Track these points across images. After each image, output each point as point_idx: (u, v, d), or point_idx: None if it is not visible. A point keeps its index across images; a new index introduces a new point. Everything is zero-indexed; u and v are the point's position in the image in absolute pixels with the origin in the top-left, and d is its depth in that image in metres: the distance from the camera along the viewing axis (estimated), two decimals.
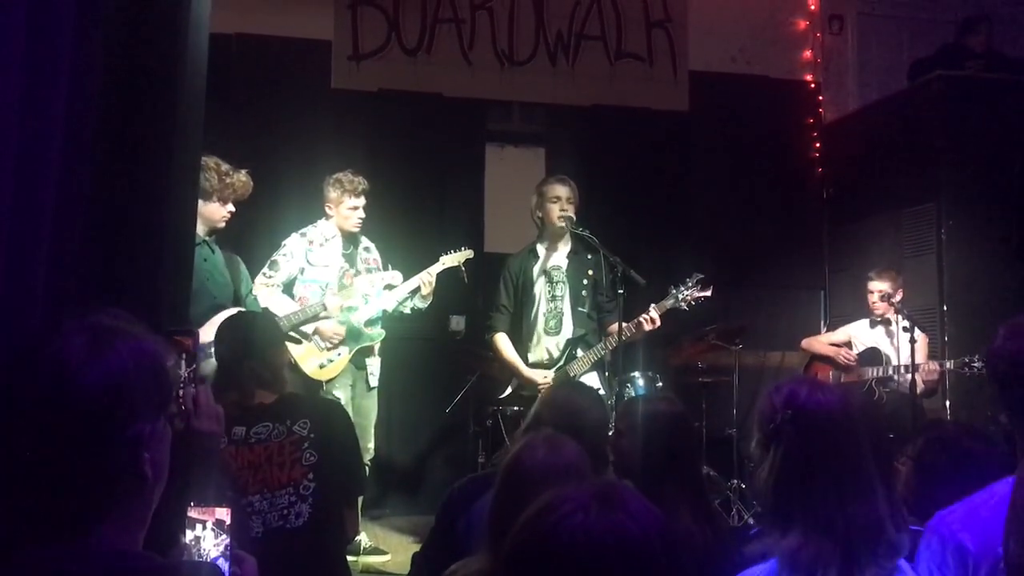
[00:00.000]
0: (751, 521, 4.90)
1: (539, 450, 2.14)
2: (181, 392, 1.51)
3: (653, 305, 4.48)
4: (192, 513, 1.34)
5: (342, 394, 4.64)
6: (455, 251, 4.90)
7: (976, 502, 1.79)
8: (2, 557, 1.15)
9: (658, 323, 4.45)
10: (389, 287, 4.75)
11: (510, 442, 2.88)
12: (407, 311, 4.88)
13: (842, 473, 1.79)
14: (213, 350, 2.93)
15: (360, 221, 4.79)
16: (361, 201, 4.76)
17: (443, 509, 2.72)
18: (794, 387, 1.89)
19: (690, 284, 4.53)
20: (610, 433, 2.91)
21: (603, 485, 1.16)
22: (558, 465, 2.10)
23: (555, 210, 4.60)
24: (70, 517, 1.19)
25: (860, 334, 5.56)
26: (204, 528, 1.33)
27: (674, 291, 4.53)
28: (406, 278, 4.78)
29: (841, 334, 5.71)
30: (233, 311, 3.96)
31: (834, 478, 1.78)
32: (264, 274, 4.66)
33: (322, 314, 4.58)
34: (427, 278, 4.75)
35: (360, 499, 3.53)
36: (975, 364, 4.84)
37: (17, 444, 1.18)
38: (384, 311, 4.81)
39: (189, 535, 1.33)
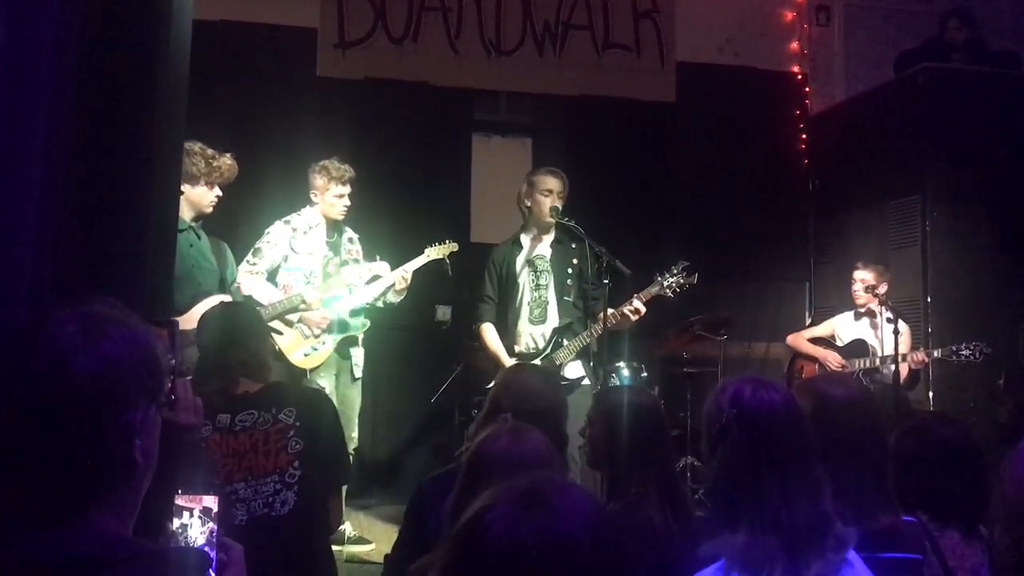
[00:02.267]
0: None
1: (502, 440, 2.12)
2: None
3: (637, 294, 4.48)
4: (179, 501, 1.34)
5: (327, 384, 4.63)
6: (440, 244, 4.89)
7: None
8: None
9: (643, 312, 4.44)
10: (376, 278, 4.75)
11: (470, 431, 2.83)
12: (380, 305, 4.88)
13: (787, 470, 1.81)
14: (197, 339, 2.91)
15: (345, 209, 4.78)
16: (347, 189, 4.75)
17: (412, 507, 2.67)
18: (739, 386, 1.92)
19: (675, 271, 4.52)
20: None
21: (532, 483, 1.12)
22: (521, 455, 2.08)
23: (546, 203, 4.59)
24: (61, 502, 1.19)
25: (844, 327, 5.59)
26: (191, 516, 1.33)
27: (659, 278, 4.52)
28: (392, 269, 4.78)
29: (824, 328, 5.73)
30: (217, 298, 3.95)
31: (779, 476, 1.80)
32: (248, 261, 4.65)
33: (301, 306, 4.58)
34: (402, 275, 4.75)
35: (344, 488, 3.53)
36: (962, 352, 4.88)
37: (9, 429, 1.18)
38: (365, 303, 4.81)
39: (176, 523, 1.33)
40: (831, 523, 1.76)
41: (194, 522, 1.33)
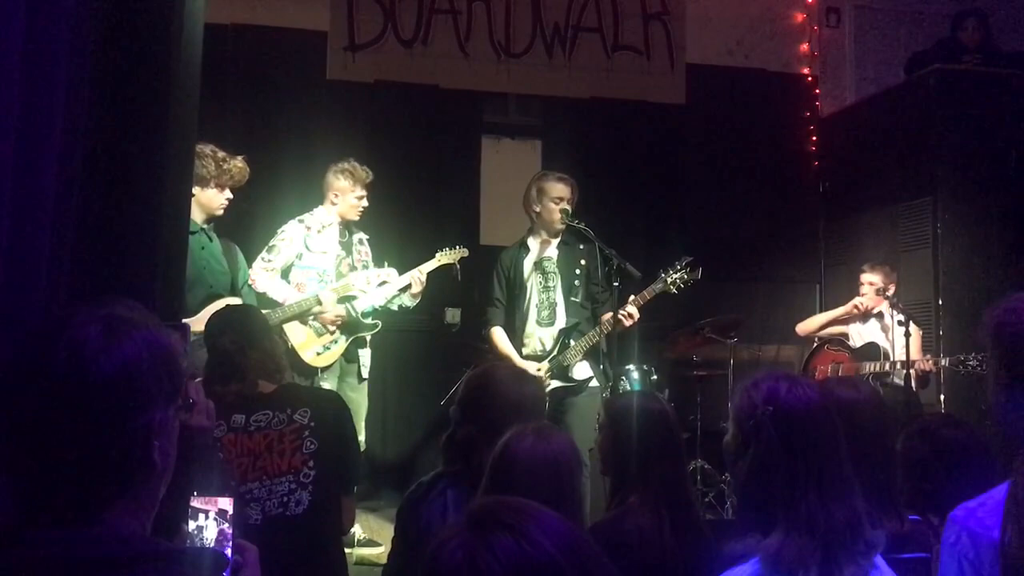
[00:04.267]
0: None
1: (527, 439, 2.11)
2: None
3: (635, 295, 4.44)
4: (195, 503, 1.35)
5: (330, 386, 4.63)
6: (451, 249, 4.91)
7: (1003, 494, 1.75)
8: (13, 540, 1.16)
9: (636, 317, 4.39)
10: (383, 284, 4.77)
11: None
12: (394, 308, 4.89)
13: (822, 470, 1.78)
14: (211, 341, 2.91)
15: (363, 211, 4.83)
16: (366, 192, 4.80)
17: (396, 517, 2.65)
18: (773, 383, 1.88)
19: (679, 267, 4.48)
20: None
21: (490, 506, 1.09)
22: (546, 454, 2.08)
23: (556, 211, 4.57)
24: (81, 502, 1.20)
25: (855, 328, 5.57)
26: (207, 517, 1.34)
27: (663, 275, 4.49)
28: (400, 273, 4.79)
29: (840, 310, 5.70)
30: (228, 300, 3.97)
31: (815, 475, 1.77)
32: (263, 258, 4.66)
33: (315, 308, 4.58)
34: (418, 276, 4.76)
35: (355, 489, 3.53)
36: (970, 363, 4.84)
37: (30, 430, 1.19)
38: (373, 307, 4.82)
39: (192, 524, 1.34)
40: (863, 525, 1.74)
41: (210, 524, 1.33)
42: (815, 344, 5.74)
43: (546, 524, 1.04)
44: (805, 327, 5.79)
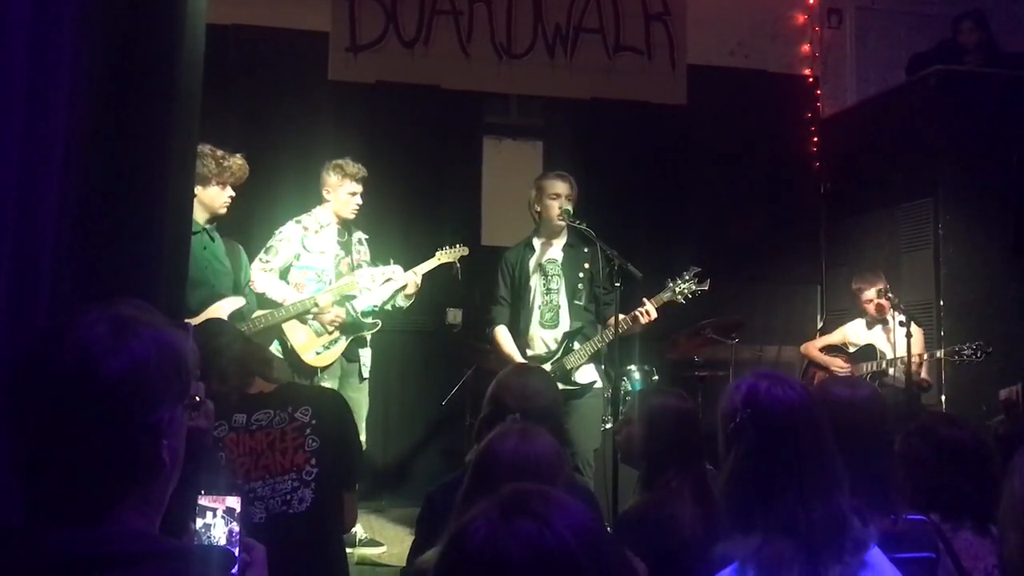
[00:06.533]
0: None
1: (510, 440, 2.13)
2: None
3: (649, 299, 4.45)
4: (202, 501, 1.35)
5: (331, 386, 4.63)
6: (451, 248, 4.91)
7: None
8: (24, 538, 1.17)
9: (654, 316, 4.41)
10: (388, 281, 4.77)
11: (475, 432, 2.84)
12: (388, 308, 4.89)
13: (803, 471, 1.77)
14: (210, 343, 2.91)
15: (358, 207, 4.81)
16: (360, 188, 4.79)
17: (422, 518, 2.66)
18: (754, 383, 1.87)
19: (687, 277, 4.49)
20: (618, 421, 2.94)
21: (516, 492, 1.11)
22: (529, 455, 2.09)
23: (554, 207, 4.59)
24: (90, 500, 1.20)
25: (857, 333, 5.57)
26: (214, 516, 1.34)
27: (671, 284, 4.50)
28: (405, 271, 4.79)
29: (836, 335, 5.73)
30: (231, 300, 3.99)
31: (795, 476, 1.76)
32: (261, 259, 4.66)
33: (313, 309, 4.59)
34: (413, 278, 4.77)
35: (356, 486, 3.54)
36: (965, 352, 4.85)
37: (40, 427, 1.20)
38: (372, 306, 4.83)
39: (199, 522, 1.34)
40: (848, 524, 1.73)
41: (217, 522, 1.34)
42: None
43: (571, 516, 1.07)
44: (805, 351, 5.83)
